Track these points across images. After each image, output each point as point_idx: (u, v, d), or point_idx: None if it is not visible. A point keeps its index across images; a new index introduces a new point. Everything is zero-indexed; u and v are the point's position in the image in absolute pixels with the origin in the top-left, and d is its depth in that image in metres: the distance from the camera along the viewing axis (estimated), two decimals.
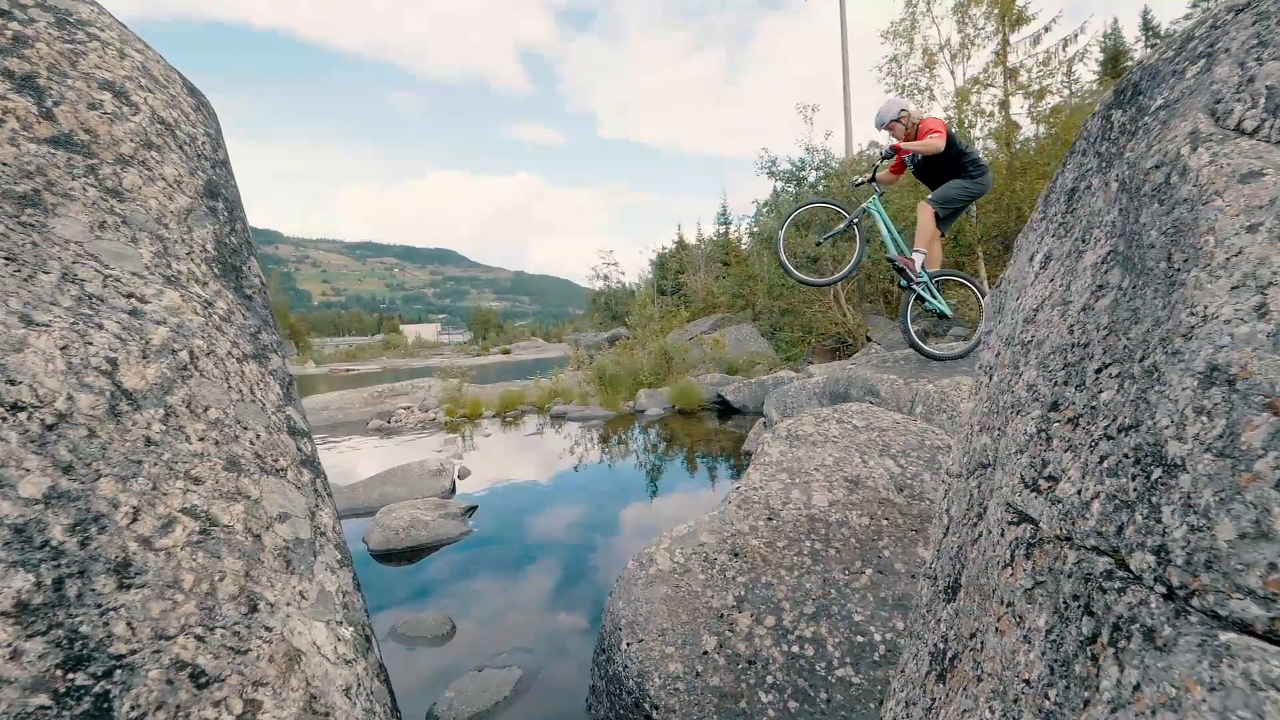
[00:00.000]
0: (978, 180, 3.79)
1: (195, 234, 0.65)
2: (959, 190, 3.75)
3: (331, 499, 0.76)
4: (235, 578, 0.60)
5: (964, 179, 3.75)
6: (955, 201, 3.80)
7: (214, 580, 0.58)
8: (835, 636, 1.66)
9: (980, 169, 3.81)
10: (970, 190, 3.78)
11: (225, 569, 0.59)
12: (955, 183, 3.75)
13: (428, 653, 2.26)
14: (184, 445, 0.59)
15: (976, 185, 3.79)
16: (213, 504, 0.61)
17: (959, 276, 4.17)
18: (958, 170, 3.77)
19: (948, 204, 3.77)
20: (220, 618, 0.56)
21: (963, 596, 0.72)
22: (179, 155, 0.66)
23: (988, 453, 0.83)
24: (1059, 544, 0.50)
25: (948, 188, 3.75)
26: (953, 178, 3.79)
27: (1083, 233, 0.76)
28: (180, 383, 0.61)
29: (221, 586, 0.58)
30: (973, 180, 3.77)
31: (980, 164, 3.83)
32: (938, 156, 3.77)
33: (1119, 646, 0.37)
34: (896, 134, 3.95)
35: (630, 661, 1.61)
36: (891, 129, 3.93)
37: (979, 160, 3.84)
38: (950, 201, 3.78)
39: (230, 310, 0.66)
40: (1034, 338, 0.77)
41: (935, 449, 2.34)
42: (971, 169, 3.78)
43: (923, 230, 3.78)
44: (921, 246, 3.79)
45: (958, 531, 0.84)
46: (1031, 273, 0.93)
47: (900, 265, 3.84)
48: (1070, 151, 0.90)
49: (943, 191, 3.76)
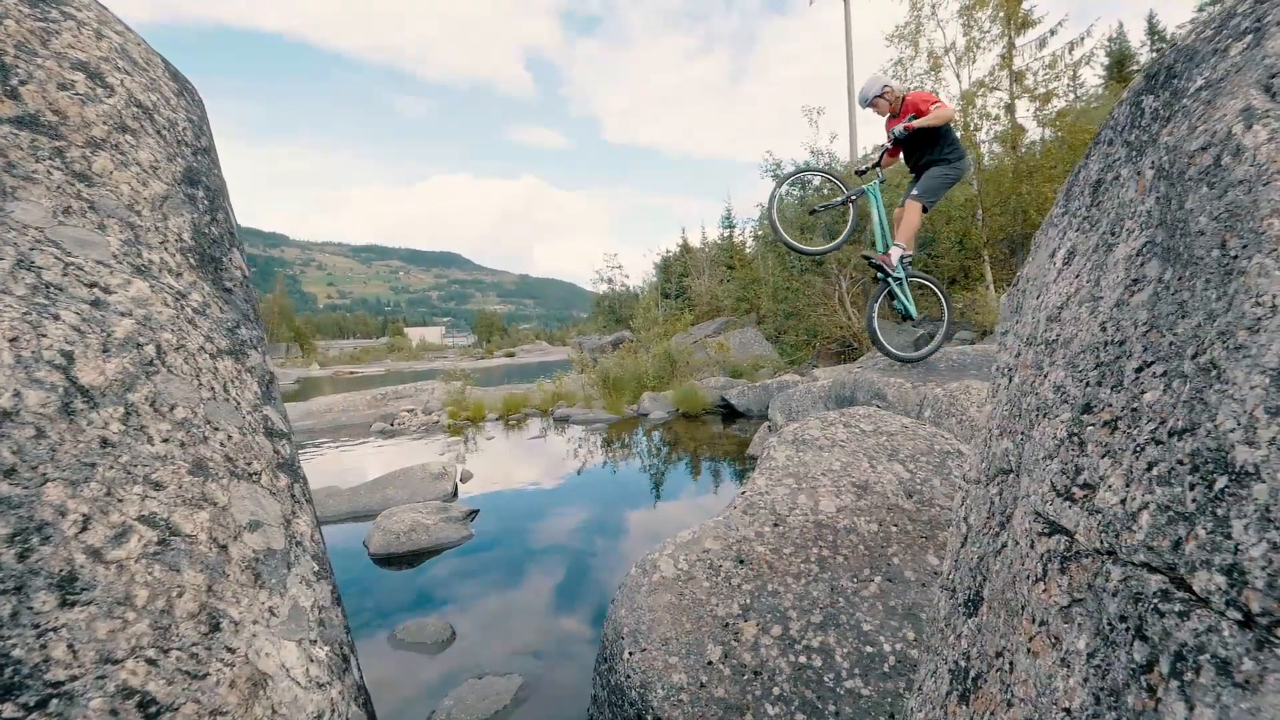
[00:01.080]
0: (956, 165, 3.82)
1: (171, 222, 0.61)
2: (941, 179, 3.78)
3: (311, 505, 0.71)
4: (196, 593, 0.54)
5: (944, 165, 3.78)
6: (939, 190, 3.83)
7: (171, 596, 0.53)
8: (844, 646, 1.60)
9: (960, 152, 3.85)
10: (951, 175, 3.81)
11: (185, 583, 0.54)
12: (936, 170, 3.77)
13: (427, 659, 2.22)
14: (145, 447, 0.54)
15: (955, 170, 3.82)
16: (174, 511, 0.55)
17: (925, 279, 4.18)
18: (941, 148, 3.80)
19: (933, 195, 3.81)
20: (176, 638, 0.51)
21: (986, 611, 0.68)
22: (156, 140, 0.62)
23: (1010, 458, 0.78)
24: (1100, 558, 0.45)
25: (930, 178, 3.78)
26: (935, 156, 3.81)
27: (1111, 225, 0.72)
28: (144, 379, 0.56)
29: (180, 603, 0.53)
30: (952, 165, 3.80)
31: (960, 147, 3.86)
32: (928, 131, 3.78)
33: (1185, 680, 0.33)
34: (880, 110, 3.98)
35: (633, 671, 1.57)
36: (875, 105, 3.95)
37: (959, 143, 3.86)
38: (935, 192, 3.81)
39: (206, 303, 0.62)
40: (1060, 336, 0.73)
41: (945, 454, 2.29)
42: (951, 152, 3.81)
43: (908, 225, 3.79)
44: (903, 240, 3.79)
45: (978, 541, 0.80)
46: (1053, 269, 0.88)
47: (878, 262, 3.85)
48: (1094, 142, 0.86)
49: (927, 184, 3.78)
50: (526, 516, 3.89)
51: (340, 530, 3.69)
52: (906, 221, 3.79)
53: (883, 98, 3.87)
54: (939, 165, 3.77)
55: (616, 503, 4.14)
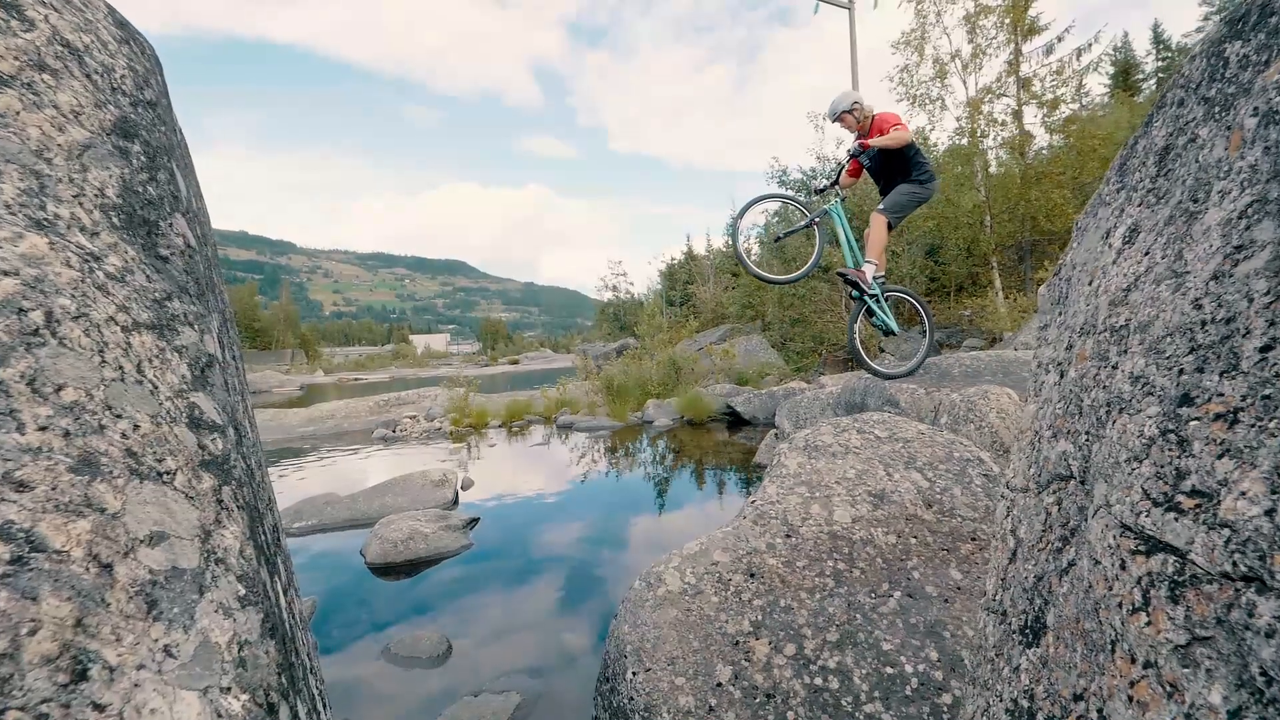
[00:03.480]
0: (926, 186, 3.77)
1: (91, 175, 0.52)
2: (909, 197, 3.73)
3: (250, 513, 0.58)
4: (57, 629, 0.42)
5: (913, 184, 3.74)
6: (906, 208, 3.78)
7: (19, 635, 0.40)
8: (862, 667, 1.50)
9: (930, 175, 3.80)
10: (919, 196, 3.75)
11: (42, 616, 0.41)
12: (905, 188, 3.74)
13: (421, 674, 2.12)
14: (11, 437, 0.44)
15: (925, 190, 3.77)
16: (40, 519, 0.43)
17: (905, 293, 4.10)
18: (910, 172, 3.76)
19: (899, 211, 3.76)
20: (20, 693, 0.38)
21: (1053, 642, 0.58)
22: (84, 84, 0.53)
23: (1069, 462, 0.68)
24: (1233, 585, 0.36)
25: (898, 194, 3.74)
26: (905, 178, 3.76)
27: (1190, 193, 0.62)
28: (23, 351, 0.46)
29: (31, 644, 0.40)
30: (922, 186, 3.75)
31: (930, 170, 3.82)
32: (895, 154, 3.74)
33: None
34: (849, 125, 3.92)
35: (636, 693, 1.46)
36: (843, 120, 3.90)
37: (929, 166, 3.82)
38: (901, 209, 3.76)
39: (128, 268, 0.53)
40: (1131, 321, 0.63)
41: (965, 461, 2.18)
42: (921, 174, 3.76)
43: (875, 240, 3.73)
44: (873, 257, 3.73)
45: (1033, 558, 0.70)
46: (1109, 251, 0.79)
47: (852, 278, 3.77)
48: (1157, 107, 0.77)
49: (894, 199, 3.74)
50: (528, 525, 3.79)
51: (338, 538, 3.60)
52: (874, 237, 3.75)
53: (851, 114, 3.84)
54: (909, 184, 3.75)
55: (620, 511, 4.04)
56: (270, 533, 0.66)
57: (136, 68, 0.58)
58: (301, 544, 3.52)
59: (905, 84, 15.33)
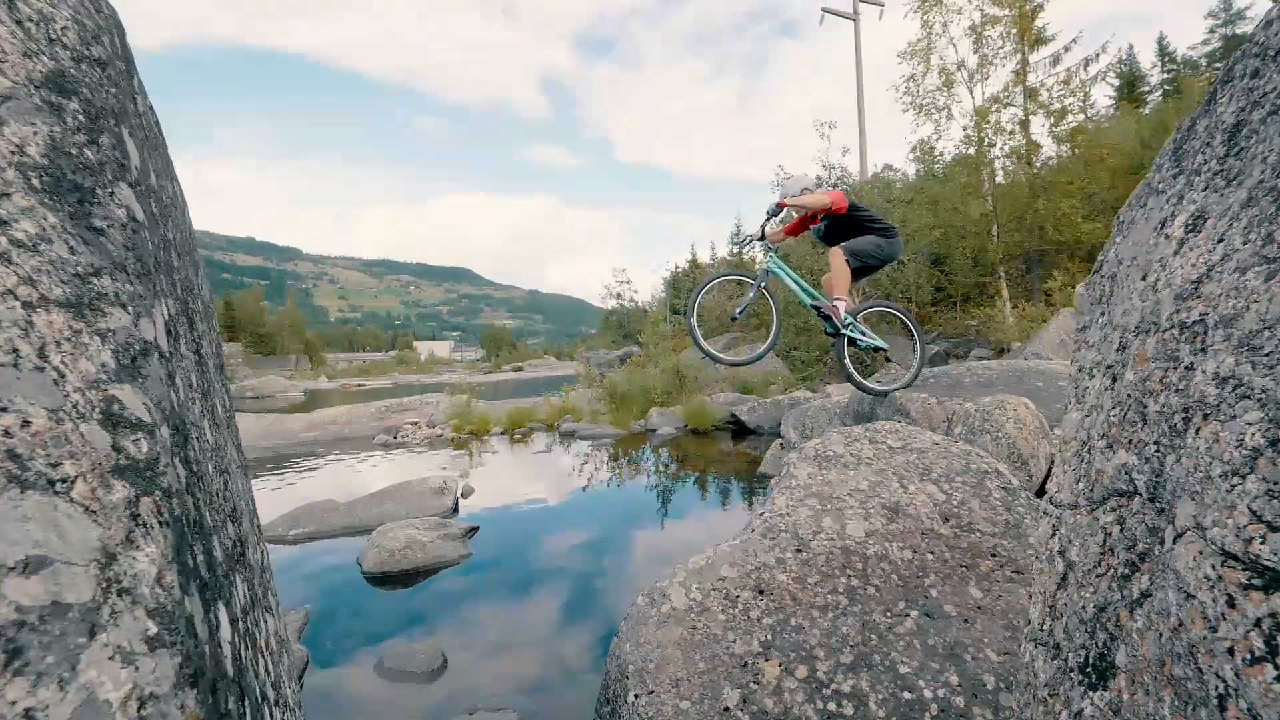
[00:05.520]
0: (892, 241, 3.73)
1: (9, 129, 0.45)
2: (872, 246, 3.69)
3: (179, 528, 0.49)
4: None
5: (877, 237, 3.70)
6: (868, 256, 3.71)
7: None
8: (879, 692, 1.41)
9: (892, 233, 3.76)
10: (883, 250, 3.71)
11: None
12: (869, 239, 3.70)
13: (415, 689, 2.03)
14: None
15: (890, 246, 3.73)
16: None
17: (888, 307, 4.02)
18: (866, 231, 3.73)
19: (859, 256, 3.69)
20: None
21: (1126, 687, 0.50)
22: (9, 29, 0.47)
23: (1132, 476, 0.61)
24: None
25: (861, 241, 3.70)
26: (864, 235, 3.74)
27: (1276, 170, 0.55)
28: None
29: None
30: (887, 240, 3.72)
31: (892, 229, 3.78)
32: (845, 221, 3.72)
33: None
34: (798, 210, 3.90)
35: (638, 717, 1.38)
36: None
37: (890, 226, 3.78)
38: (862, 254, 3.69)
39: (45, 236, 0.45)
40: (1209, 315, 0.56)
41: (983, 473, 2.09)
42: (883, 231, 3.73)
43: (839, 275, 3.66)
44: (841, 294, 3.65)
45: (1091, 584, 0.61)
46: (1168, 242, 0.71)
47: (826, 313, 3.70)
48: (1223, 82, 0.69)
49: (856, 243, 3.69)
50: (528, 535, 3.70)
51: (335, 546, 3.53)
52: (836, 272, 3.67)
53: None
54: (875, 235, 3.71)
55: (622, 521, 3.95)
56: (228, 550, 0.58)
57: (85, 22, 0.51)
58: (298, 552, 3.45)
59: (911, 93, 15.31)
